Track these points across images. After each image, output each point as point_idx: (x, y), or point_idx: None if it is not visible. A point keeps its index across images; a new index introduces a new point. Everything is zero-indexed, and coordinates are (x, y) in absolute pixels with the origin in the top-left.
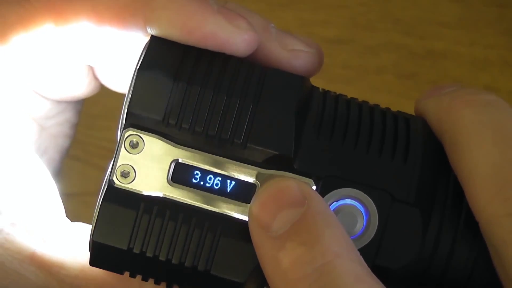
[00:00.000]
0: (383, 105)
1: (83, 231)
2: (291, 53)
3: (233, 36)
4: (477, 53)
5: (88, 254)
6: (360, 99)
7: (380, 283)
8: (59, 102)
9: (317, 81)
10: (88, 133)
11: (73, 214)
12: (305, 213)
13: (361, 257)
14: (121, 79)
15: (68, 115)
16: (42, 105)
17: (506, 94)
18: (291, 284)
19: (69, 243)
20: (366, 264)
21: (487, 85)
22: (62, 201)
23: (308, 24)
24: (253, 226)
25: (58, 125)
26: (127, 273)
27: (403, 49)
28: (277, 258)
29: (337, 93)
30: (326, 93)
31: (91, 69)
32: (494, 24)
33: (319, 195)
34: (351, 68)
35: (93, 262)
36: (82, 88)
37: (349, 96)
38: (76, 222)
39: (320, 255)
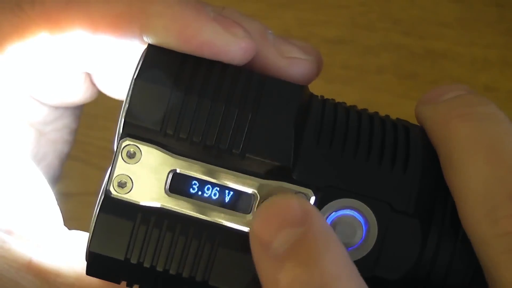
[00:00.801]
0: (383, 105)
1: (80, 239)
2: (289, 61)
3: (230, 44)
4: (476, 53)
5: (84, 262)
6: (358, 100)
7: None
8: (56, 108)
9: (317, 81)
10: (88, 133)
11: (73, 214)
12: (305, 233)
13: (361, 278)
14: (118, 85)
15: (66, 121)
16: (39, 111)
17: (506, 94)
18: None
19: (65, 251)
20: (366, 285)
21: (487, 85)
22: (62, 201)
23: (308, 24)
24: (253, 243)
25: (57, 130)
26: (124, 282)
27: (403, 49)
28: (275, 277)
29: (336, 101)
30: (325, 101)
31: (89, 75)
32: (494, 24)
33: (320, 213)
34: (351, 68)
35: (89, 271)
36: (79, 94)
37: (347, 97)
38: (73, 230)
39: (319, 276)
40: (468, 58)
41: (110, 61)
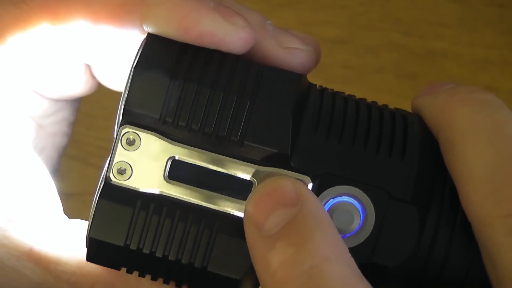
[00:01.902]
0: None
1: (80, 228)
2: (287, 51)
3: (229, 34)
4: (477, 53)
5: (85, 250)
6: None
7: (371, 286)
8: (56, 100)
9: (317, 81)
10: (87, 133)
11: (73, 214)
12: (297, 214)
13: (352, 260)
14: (118, 77)
15: (65, 114)
16: (39, 104)
17: (506, 94)
18: (279, 285)
19: (66, 240)
20: (357, 267)
21: (487, 85)
22: (62, 201)
23: (308, 24)
24: (247, 225)
25: (56, 123)
26: (124, 269)
27: (403, 49)
28: (267, 258)
29: (335, 90)
30: (323, 90)
31: (88, 67)
32: (494, 24)
33: (314, 195)
34: (351, 68)
35: (90, 258)
36: (79, 87)
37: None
38: (73, 219)
39: (309, 257)
40: (468, 58)
41: (110, 52)
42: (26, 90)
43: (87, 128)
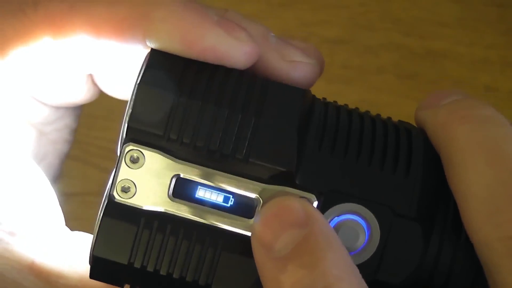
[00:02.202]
0: (383, 105)
1: (82, 241)
2: (290, 65)
3: (233, 49)
4: (477, 53)
5: (87, 263)
6: (358, 100)
7: None
8: (58, 108)
9: (317, 81)
10: (88, 133)
11: (73, 214)
12: (308, 235)
13: (362, 280)
14: (120, 86)
15: (67, 121)
16: (40, 111)
17: (506, 94)
18: None
19: (68, 253)
20: (367, 286)
21: (487, 85)
22: (62, 201)
23: (308, 24)
24: (255, 245)
25: (57, 130)
26: (127, 286)
27: (403, 49)
28: (279, 279)
29: (338, 103)
30: (327, 104)
31: (90, 76)
32: (494, 24)
33: (322, 215)
34: (351, 68)
35: (93, 275)
36: (81, 95)
37: (347, 97)
38: (75, 231)
39: (322, 278)
40: (468, 58)
41: (112, 63)
42: (26, 98)
43: (88, 129)
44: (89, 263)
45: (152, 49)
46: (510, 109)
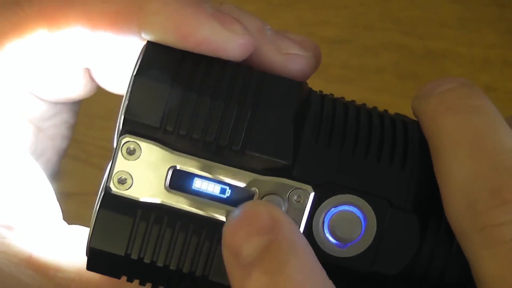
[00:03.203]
0: (383, 106)
1: (80, 234)
2: (286, 57)
3: (228, 41)
4: (477, 53)
5: (84, 256)
6: (358, 100)
7: None
8: (55, 103)
9: (317, 81)
10: (87, 133)
11: (73, 214)
12: (272, 241)
13: (329, 283)
14: (118, 80)
15: (65, 117)
16: (38, 107)
17: (506, 94)
18: None
19: (65, 246)
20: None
21: (487, 85)
22: (62, 201)
23: (308, 24)
24: (224, 252)
25: (55, 126)
26: (124, 277)
27: (403, 49)
28: (243, 285)
29: (335, 96)
30: (323, 97)
31: (87, 70)
32: (494, 24)
33: (291, 220)
34: (351, 68)
35: (90, 267)
36: (78, 90)
37: (347, 97)
38: (72, 225)
39: (284, 284)
40: (468, 58)
41: (109, 56)
42: (23, 93)
43: (87, 128)
44: (86, 255)
45: (148, 41)
46: (510, 109)
